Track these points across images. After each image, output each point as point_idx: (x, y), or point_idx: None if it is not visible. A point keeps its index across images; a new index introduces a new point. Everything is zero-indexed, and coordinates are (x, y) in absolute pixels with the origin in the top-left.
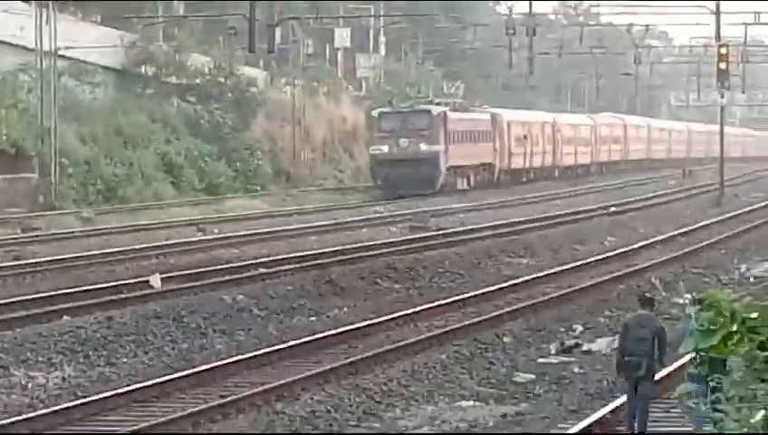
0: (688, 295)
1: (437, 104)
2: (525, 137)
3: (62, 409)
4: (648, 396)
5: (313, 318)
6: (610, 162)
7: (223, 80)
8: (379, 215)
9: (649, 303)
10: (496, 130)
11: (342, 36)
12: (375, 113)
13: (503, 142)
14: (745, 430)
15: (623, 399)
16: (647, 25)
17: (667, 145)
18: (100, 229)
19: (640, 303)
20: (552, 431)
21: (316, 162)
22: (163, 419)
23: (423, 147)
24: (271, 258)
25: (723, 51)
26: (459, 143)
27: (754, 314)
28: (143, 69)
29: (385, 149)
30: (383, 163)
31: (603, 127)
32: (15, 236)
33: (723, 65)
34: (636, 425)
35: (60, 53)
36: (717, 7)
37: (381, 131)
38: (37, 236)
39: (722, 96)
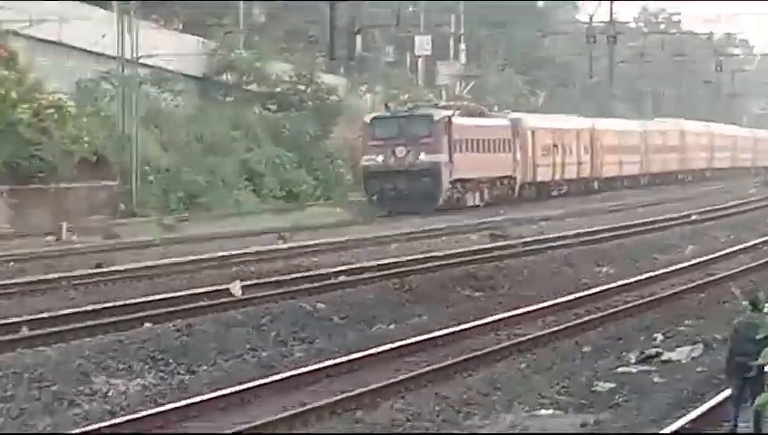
0: None
1: (444, 108)
2: (555, 146)
3: (142, 416)
4: (758, 395)
5: (393, 326)
6: (665, 173)
7: (303, 88)
8: (458, 223)
9: (756, 304)
10: (517, 138)
11: (423, 44)
12: (368, 119)
13: (525, 152)
14: None
15: (704, 408)
16: (728, 33)
17: (732, 153)
18: (180, 237)
19: (751, 304)
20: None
21: None
22: (243, 427)
23: (423, 157)
24: (350, 266)
25: None
26: (468, 153)
27: None
28: (224, 77)
29: (379, 159)
30: (377, 175)
31: (655, 134)
32: (97, 243)
33: None
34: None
35: (141, 60)
36: None
37: (376, 139)
38: (118, 243)
39: None
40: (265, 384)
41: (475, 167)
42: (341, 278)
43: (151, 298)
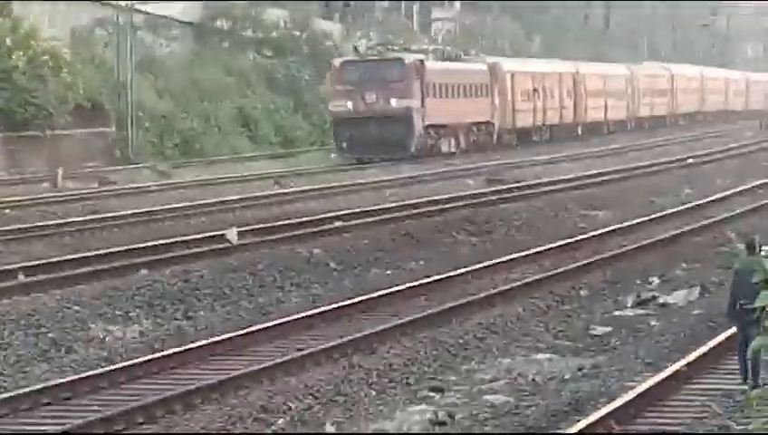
0: (766, 247)
1: (418, 52)
2: (536, 90)
3: (138, 362)
4: (753, 339)
5: (390, 272)
6: (654, 117)
7: (298, 33)
8: (454, 167)
9: (753, 247)
10: (496, 82)
11: None
12: (336, 62)
13: (504, 97)
14: None
15: (702, 350)
16: None
17: (724, 96)
18: (176, 183)
19: (747, 247)
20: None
21: None
22: (239, 372)
23: (393, 102)
24: (347, 212)
25: None
26: (442, 98)
27: None
28: (219, 23)
29: (349, 105)
30: (347, 122)
31: (643, 78)
32: (92, 190)
33: None
34: (749, 373)
35: (136, 7)
36: None
37: (345, 84)
38: (114, 190)
39: None
40: (261, 329)
41: (450, 112)
42: (337, 224)
43: (147, 244)
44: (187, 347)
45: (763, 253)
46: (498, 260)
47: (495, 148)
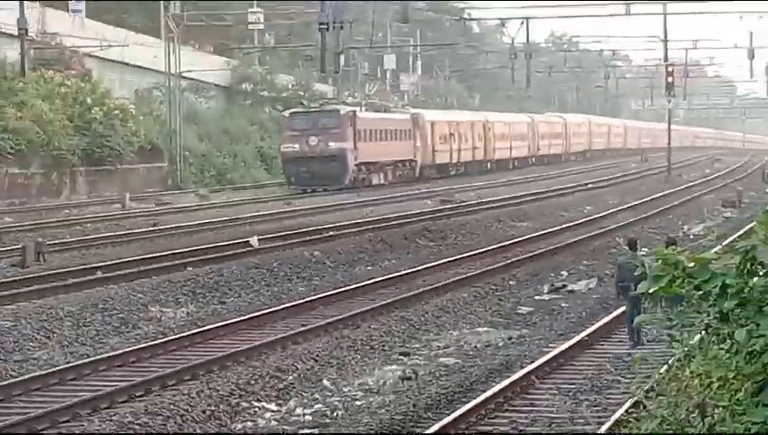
0: (645, 249)
1: (351, 105)
2: (452, 135)
3: (186, 335)
4: (636, 311)
5: (369, 268)
6: (551, 155)
7: (302, 93)
8: (417, 191)
9: (633, 246)
10: (417, 129)
11: (390, 60)
12: (286, 113)
13: (425, 140)
14: (686, 349)
15: (599, 324)
16: (613, 50)
17: (606, 138)
18: (212, 204)
19: (629, 246)
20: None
21: None
22: (260, 342)
23: (331, 144)
24: (338, 224)
25: (669, 69)
26: (371, 141)
27: (692, 263)
28: (243, 86)
29: (296, 147)
30: (294, 160)
31: (542, 124)
32: (151, 209)
33: (669, 79)
34: (636, 337)
35: (183, 74)
36: (665, 36)
37: (292, 130)
38: (167, 208)
39: (669, 102)
40: (277, 311)
41: (378, 152)
42: (331, 233)
43: (191, 249)
44: (221, 324)
45: (641, 252)
46: (449, 259)
47: (425, 180)
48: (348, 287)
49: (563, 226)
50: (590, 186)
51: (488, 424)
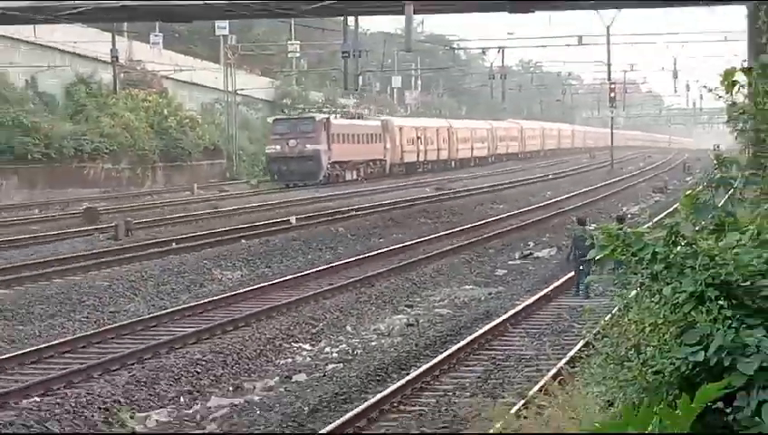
0: (594, 225)
1: (326, 113)
2: (419, 138)
3: (240, 292)
4: (587, 273)
5: (382, 240)
6: (509, 154)
7: (329, 107)
8: (417, 182)
9: (583, 223)
10: (387, 133)
11: (396, 80)
12: (270, 120)
13: (394, 142)
14: (625, 302)
15: (558, 283)
16: (569, 72)
17: (557, 139)
18: (260, 191)
19: (579, 223)
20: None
21: None
22: (297, 297)
23: (307, 146)
24: (357, 206)
25: (612, 86)
26: (343, 143)
27: (630, 236)
28: (284, 101)
29: (278, 148)
30: (276, 160)
31: (500, 129)
32: (214, 195)
33: (612, 94)
34: (581, 291)
35: (237, 92)
36: (609, 60)
37: (275, 134)
38: (226, 195)
39: (611, 111)
40: (310, 273)
41: (350, 153)
42: (353, 213)
43: (245, 225)
44: (268, 283)
45: (590, 227)
46: (443, 233)
47: (395, 176)
48: (365, 255)
49: (530, 207)
50: (550, 176)
51: (474, 359)
